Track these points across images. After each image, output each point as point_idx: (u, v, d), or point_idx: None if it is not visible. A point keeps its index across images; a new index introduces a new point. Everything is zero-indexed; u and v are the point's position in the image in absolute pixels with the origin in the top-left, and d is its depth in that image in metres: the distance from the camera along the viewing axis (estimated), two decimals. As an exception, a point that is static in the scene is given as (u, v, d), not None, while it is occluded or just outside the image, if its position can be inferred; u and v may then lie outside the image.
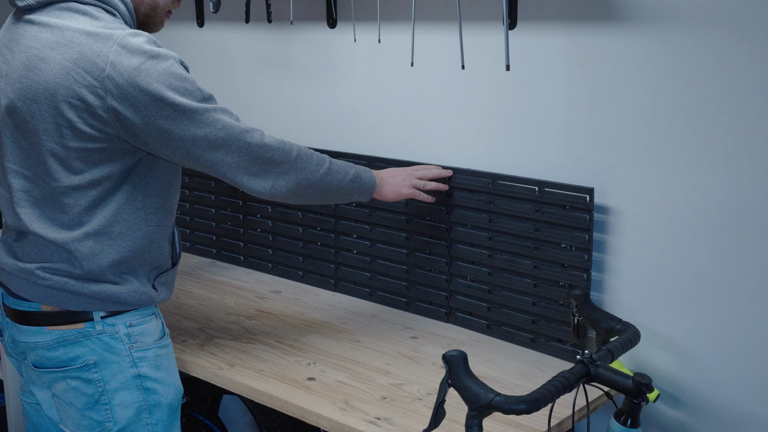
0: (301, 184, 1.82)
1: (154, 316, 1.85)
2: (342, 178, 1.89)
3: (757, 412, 1.80)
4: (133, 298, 1.78)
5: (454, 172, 2.13)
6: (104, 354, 1.76)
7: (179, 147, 1.69)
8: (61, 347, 1.76)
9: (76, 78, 1.61)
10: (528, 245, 2.02)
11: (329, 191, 1.89)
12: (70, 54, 1.62)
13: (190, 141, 1.68)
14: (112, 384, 1.77)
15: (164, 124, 1.65)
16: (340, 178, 1.89)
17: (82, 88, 1.61)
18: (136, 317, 1.80)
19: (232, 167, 1.74)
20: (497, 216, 2.07)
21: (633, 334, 1.71)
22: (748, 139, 1.72)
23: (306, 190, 1.84)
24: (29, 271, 1.74)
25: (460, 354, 1.46)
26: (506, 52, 1.74)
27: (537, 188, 1.99)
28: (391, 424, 1.70)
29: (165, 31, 2.83)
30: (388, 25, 2.19)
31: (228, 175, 1.75)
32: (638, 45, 1.83)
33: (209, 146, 1.70)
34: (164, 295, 1.86)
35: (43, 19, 1.68)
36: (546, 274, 2.00)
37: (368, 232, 2.35)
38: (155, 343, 1.82)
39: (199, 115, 1.67)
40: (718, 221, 1.79)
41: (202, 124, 1.68)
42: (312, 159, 1.84)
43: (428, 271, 2.25)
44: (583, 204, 1.91)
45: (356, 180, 1.92)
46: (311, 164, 1.83)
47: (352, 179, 1.91)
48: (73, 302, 1.74)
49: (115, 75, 1.60)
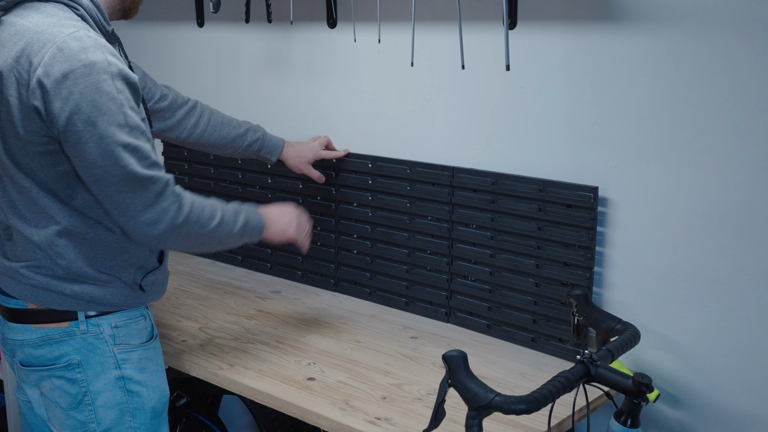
0: (189, 239, 1.75)
1: (143, 317, 1.83)
2: (231, 228, 1.81)
3: (757, 412, 1.80)
4: (118, 299, 1.76)
5: (456, 171, 2.13)
6: (88, 354, 1.75)
7: (79, 164, 1.63)
8: (46, 345, 1.76)
9: (16, 76, 1.60)
10: (531, 244, 2.02)
11: (217, 243, 1.82)
12: (14, 52, 1.61)
13: (88, 164, 1.61)
14: (96, 385, 1.76)
15: (72, 137, 1.59)
16: (229, 229, 1.81)
17: (20, 86, 1.60)
18: (122, 318, 1.78)
19: (124, 204, 1.65)
20: (500, 215, 2.07)
21: (633, 334, 1.71)
22: (748, 139, 1.72)
23: (194, 244, 1.78)
24: (15, 270, 1.74)
25: (460, 354, 1.46)
26: (506, 52, 1.73)
27: (540, 187, 1.99)
28: (391, 424, 1.70)
29: (165, 31, 2.85)
30: (388, 25, 2.19)
31: (113, 211, 1.67)
32: (638, 45, 1.83)
33: (102, 179, 1.61)
34: (153, 296, 1.84)
35: (9, 19, 1.68)
36: (548, 273, 2.00)
37: (369, 231, 2.35)
38: (141, 345, 1.81)
39: (104, 143, 1.59)
40: (719, 221, 1.79)
41: (104, 154, 1.59)
42: (203, 214, 1.74)
43: (429, 270, 2.25)
44: (588, 202, 1.91)
45: (245, 228, 1.85)
46: (202, 218, 1.74)
47: (241, 228, 1.83)
48: (57, 301, 1.73)
49: (42, 77, 1.57)
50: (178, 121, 2.18)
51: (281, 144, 2.32)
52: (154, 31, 2.86)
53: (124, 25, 2.90)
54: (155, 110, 2.13)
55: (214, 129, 2.22)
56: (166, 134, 2.19)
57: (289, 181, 2.52)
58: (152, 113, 2.13)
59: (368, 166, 2.33)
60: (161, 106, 2.14)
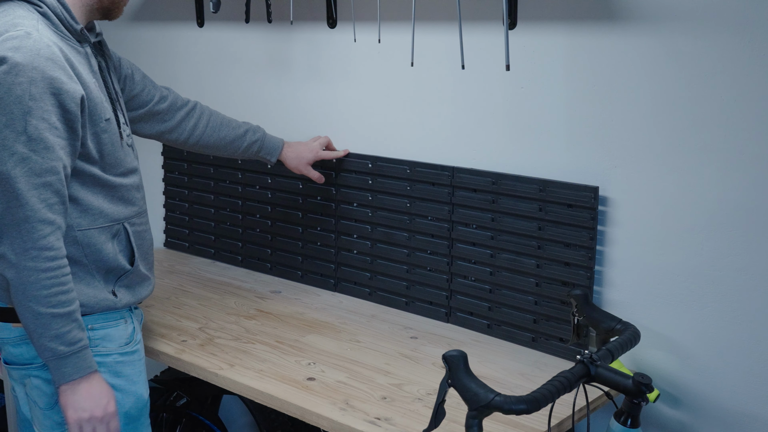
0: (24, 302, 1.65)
1: (123, 320, 1.82)
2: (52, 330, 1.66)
3: (757, 412, 1.80)
4: (90, 302, 1.75)
5: (456, 171, 2.13)
6: None
7: None
8: (24, 344, 1.75)
9: None
10: (531, 244, 2.02)
11: (34, 324, 1.67)
12: None
13: None
14: None
15: None
16: (50, 329, 1.65)
17: None
18: (99, 321, 1.77)
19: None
20: (500, 215, 2.07)
21: (633, 334, 1.71)
22: (748, 139, 1.72)
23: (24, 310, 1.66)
24: None
25: (460, 354, 1.46)
26: (506, 52, 1.73)
27: (540, 187, 1.99)
28: (391, 424, 1.70)
29: (165, 31, 2.84)
30: (388, 25, 2.19)
31: None
32: (638, 45, 1.83)
33: None
34: (127, 300, 1.82)
35: None
36: (549, 273, 2.00)
37: (369, 231, 2.35)
38: (118, 349, 1.80)
39: (2, 148, 1.58)
40: (719, 221, 1.79)
41: None
42: (54, 290, 1.63)
43: (429, 270, 2.25)
44: (588, 202, 1.91)
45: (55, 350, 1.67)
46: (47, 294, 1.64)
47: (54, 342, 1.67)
48: None
49: None
50: (177, 123, 2.18)
51: (281, 144, 2.32)
52: (154, 31, 2.86)
53: (124, 25, 2.91)
54: (154, 112, 2.13)
55: (213, 130, 2.22)
56: (165, 136, 2.19)
57: (288, 181, 2.52)
58: (151, 115, 2.13)
59: (368, 166, 2.33)
60: (160, 108, 2.14)
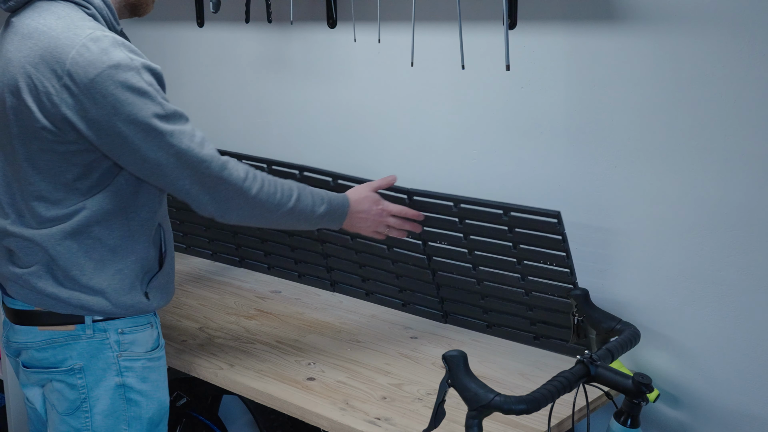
0: (255, 219, 1.79)
1: (150, 325, 1.80)
2: (309, 214, 1.84)
3: (757, 413, 1.80)
4: (126, 304, 1.74)
5: (412, 194, 2.07)
6: (90, 360, 1.73)
7: (130, 163, 1.64)
8: (50, 348, 1.74)
9: (37, 84, 1.58)
10: (510, 260, 2.00)
11: (292, 223, 1.85)
12: (32, 58, 1.59)
13: (140, 161, 1.63)
14: (96, 391, 1.74)
15: (117, 139, 1.60)
16: (306, 214, 1.83)
17: (40, 94, 1.58)
18: (129, 324, 1.76)
19: (184, 190, 1.68)
20: (471, 236, 2.04)
21: (633, 334, 1.71)
22: (748, 139, 1.72)
23: (261, 222, 1.82)
24: (18, 275, 1.73)
25: (460, 354, 1.46)
26: (506, 52, 1.74)
27: (502, 212, 1.95)
28: (391, 424, 1.70)
29: (165, 31, 2.84)
30: (388, 25, 2.19)
31: (180, 194, 1.70)
32: (638, 45, 1.83)
33: (159, 169, 1.64)
34: (157, 302, 1.81)
35: (19, 21, 1.66)
36: (533, 286, 1.99)
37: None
38: (145, 354, 1.78)
39: (150, 138, 1.61)
40: (718, 221, 1.79)
41: (153, 148, 1.62)
42: (274, 197, 1.77)
43: (428, 270, 2.24)
44: (552, 228, 1.88)
45: (325, 216, 1.88)
46: (272, 202, 1.77)
47: (321, 215, 1.86)
48: (59, 307, 1.71)
49: (70, 85, 1.56)
50: None
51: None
52: (154, 31, 2.86)
53: (124, 24, 2.90)
54: None
55: None
56: None
57: (289, 181, 2.52)
58: None
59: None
60: None
